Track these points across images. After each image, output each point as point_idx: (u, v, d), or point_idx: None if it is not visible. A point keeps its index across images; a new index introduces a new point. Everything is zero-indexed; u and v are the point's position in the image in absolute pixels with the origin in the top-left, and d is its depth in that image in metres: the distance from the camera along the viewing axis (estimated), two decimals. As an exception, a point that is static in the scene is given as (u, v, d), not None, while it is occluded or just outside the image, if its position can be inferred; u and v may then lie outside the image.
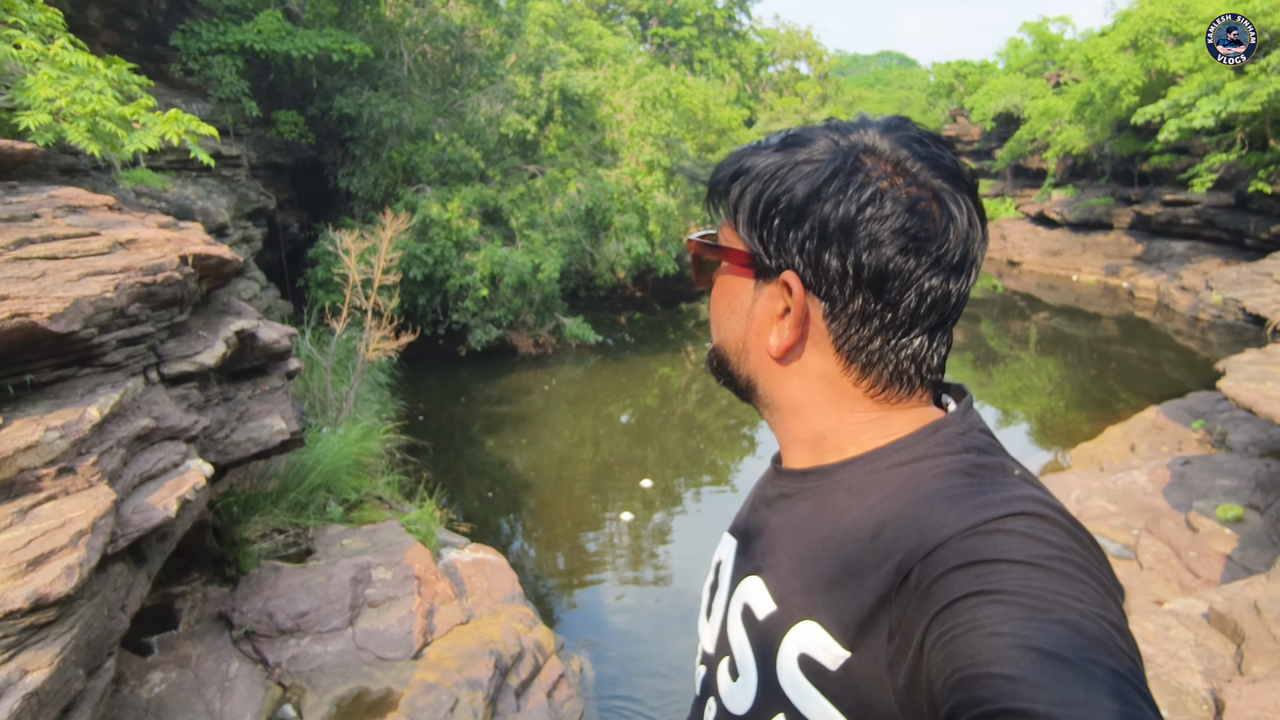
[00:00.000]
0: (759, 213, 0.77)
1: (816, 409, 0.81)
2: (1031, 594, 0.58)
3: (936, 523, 0.66)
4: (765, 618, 0.78)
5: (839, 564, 0.72)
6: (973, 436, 0.76)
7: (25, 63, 5.80)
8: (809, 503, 0.80)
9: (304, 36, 13.09)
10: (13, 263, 3.95)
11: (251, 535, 5.58)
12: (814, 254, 0.74)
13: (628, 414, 14.70)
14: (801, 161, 0.76)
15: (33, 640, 2.67)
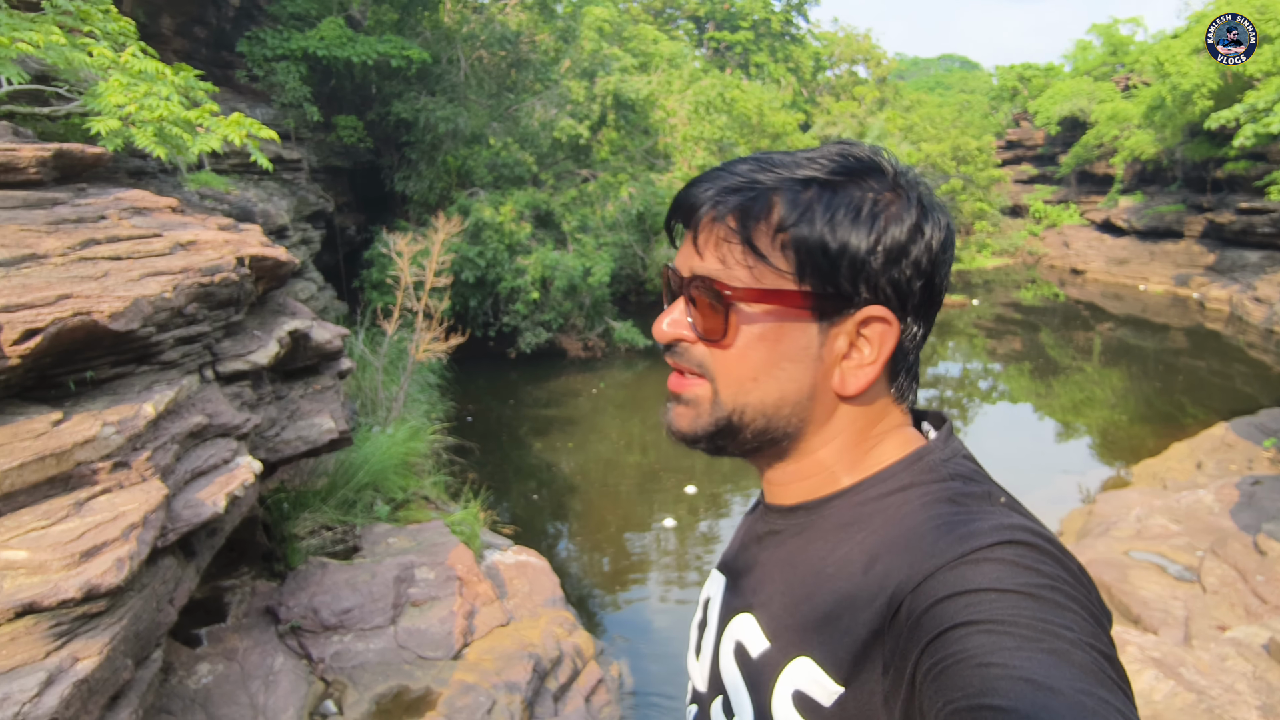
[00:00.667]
0: (849, 253, 0.74)
1: (846, 441, 0.80)
2: (1021, 623, 0.57)
3: (925, 553, 0.65)
4: (759, 655, 0.77)
5: (832, 599, 0.71)
6: (956, 463, 0.76)
7: (98, 70, 6.03)
8: (799, 538, 0.80)
9: (364, 43, 13.39)
10: (78, 262, 4.10)
11: (300, 532, 5.69)
12: (907, 288, 0.75)
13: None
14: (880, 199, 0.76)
15: (84, 629, 2.75)
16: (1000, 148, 37.03)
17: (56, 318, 3.33)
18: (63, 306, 3.44)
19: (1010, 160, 37.56)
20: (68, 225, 4.56)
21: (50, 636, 2.64)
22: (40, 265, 3.92)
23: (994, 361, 19.30)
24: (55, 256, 4.06)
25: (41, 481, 3.04)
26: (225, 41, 13.50)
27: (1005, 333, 21.90)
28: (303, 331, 5.68)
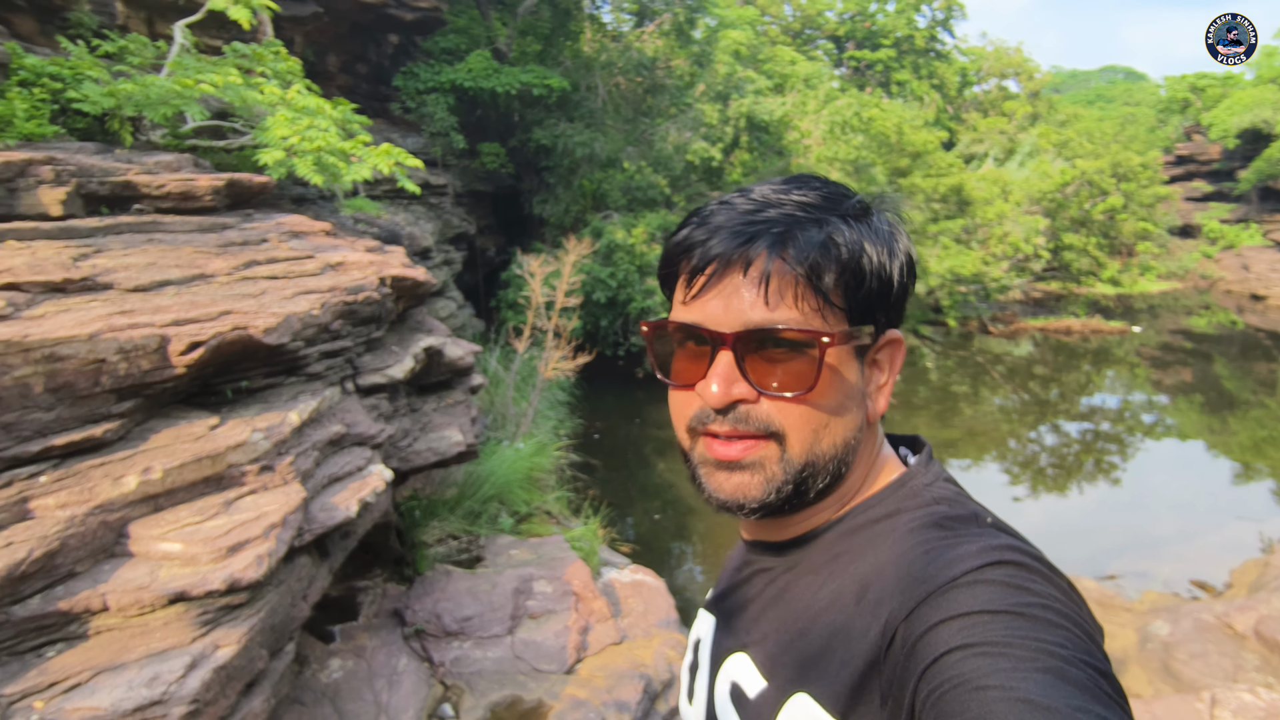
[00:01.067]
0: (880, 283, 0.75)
1: (864, 466, 0.80)
2: (1015, 643, 0.58)
3: (917, 580, 0.65)
4: (756, 695, 0.76)
5: (827, 633, 0.71)
6: (939, 487, 0.76)
7: (268, 106, 6.63)
8: (790, 574, 0.79)
9: (508, 73, 14.03)
10: (240, 281, 4.50)
11: (429, 539, 5.96)
12: (898, 306, 0.78)
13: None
14: (887, 229, 0.77)
15: (225, 619, 2.99)
16: (1169, 163, 34.27)
17: (217, 332, 3.65)
18: (224, 322, 3.77)
19: (1180, 177, 34.68)
20: (234, 248, 5.01)
21: (196, 624, 2.88)
22: (208, 284, 4.32)
23: (1160, 393, 17.77)
24: (221, 276, 4.47)
25: (198, 481, 3.33)
26: (383, 76, 14.50)
27: (1173, 363, 20.12)
28: (437, 348, 5.97)
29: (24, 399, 2.99)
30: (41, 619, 2.70)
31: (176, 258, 4.48)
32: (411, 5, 13.56)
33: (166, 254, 4.51)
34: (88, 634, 2.80)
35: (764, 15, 32.28)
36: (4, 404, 2.92)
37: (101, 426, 3.22)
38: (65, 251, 4.03)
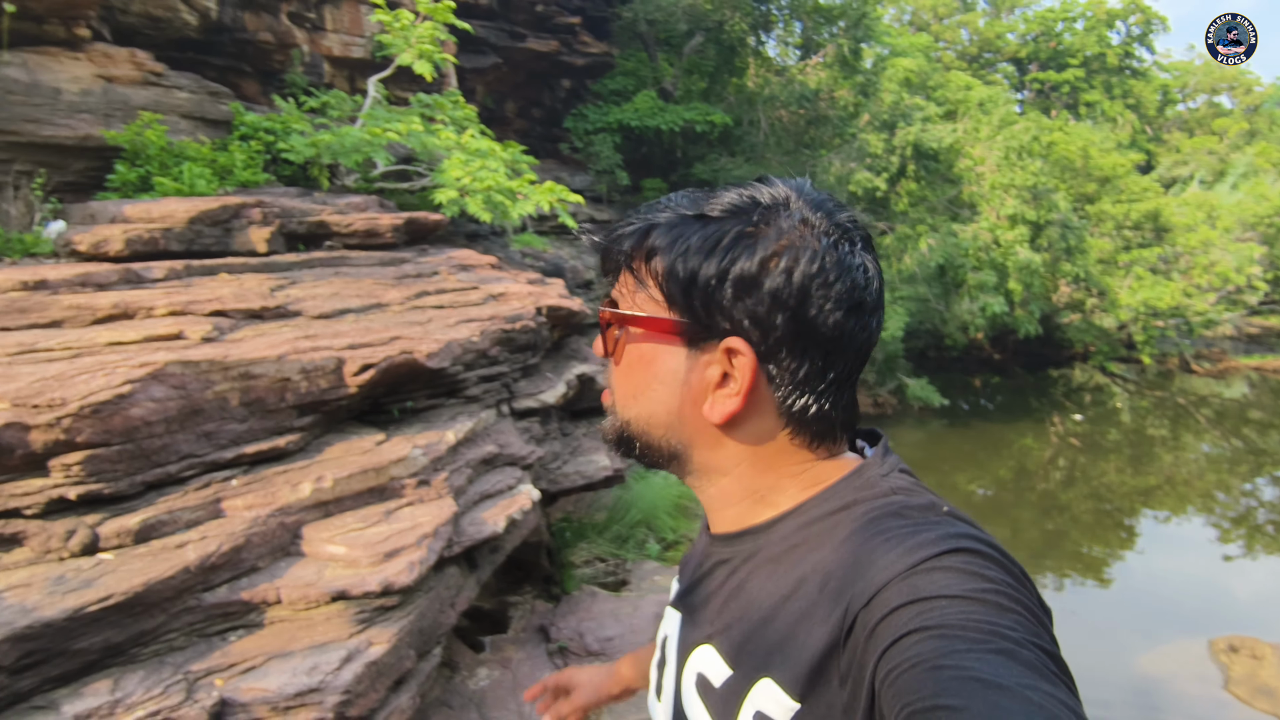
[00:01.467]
0: (698, 282, 0.77)
1: (751, 468, 0.82)
2: (970, 627, 0.61)
3: (878, 567, 0.68)
4: (722, 684, 0.78)
5: (790, 619, 0.73)
6: (894, 478, 0.78)
7: (445, 150, 7.21)
8: (749, 563, 0.81)
9: (672, 111, 14.42)
10: (410, 310, 4.90)
11: (576, 560, 6.14)
12: (766, 320, 0.76)
13: (976, 485, 13.55)
14: (743, 232, 0.77)
15: (379, 619, 3.23)
16: None
17: (386, 355, 4.00)
18: (393, 346, 4.12)
19: None
20: (408, 279, 5.46)
21: (353, 621, 3.14)
22: (382, 312, 4.74)
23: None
24: (395, 305, 4.89)
25: (363, 491, 3.64)
26: (556, 119, 15.32)
27: None
28: (590, 375, 6.19)
29: (222, 411, 3.40)
30: (226, 606, 3.05)
31: (357, 289, 4.95)
32: (583, 51, 14.29)
33: (349, 285, 4.99)
34: (263, 623, 3.12)
35: (938, 41, 31.26)
36: (206, 415, 3.34)
37: (285, 438, 3.60)
38: (266, 283, 4.56)
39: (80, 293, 4.08)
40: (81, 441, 2.93)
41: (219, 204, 5.07)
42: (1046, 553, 10.78)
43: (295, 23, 8.47)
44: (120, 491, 3.05)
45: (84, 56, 5.74)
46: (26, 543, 2.86)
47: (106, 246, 4.65)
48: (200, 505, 3.18)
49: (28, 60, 5.39)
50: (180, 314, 3.95)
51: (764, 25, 16.06)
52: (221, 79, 7.33)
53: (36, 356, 3.29)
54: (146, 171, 5.51)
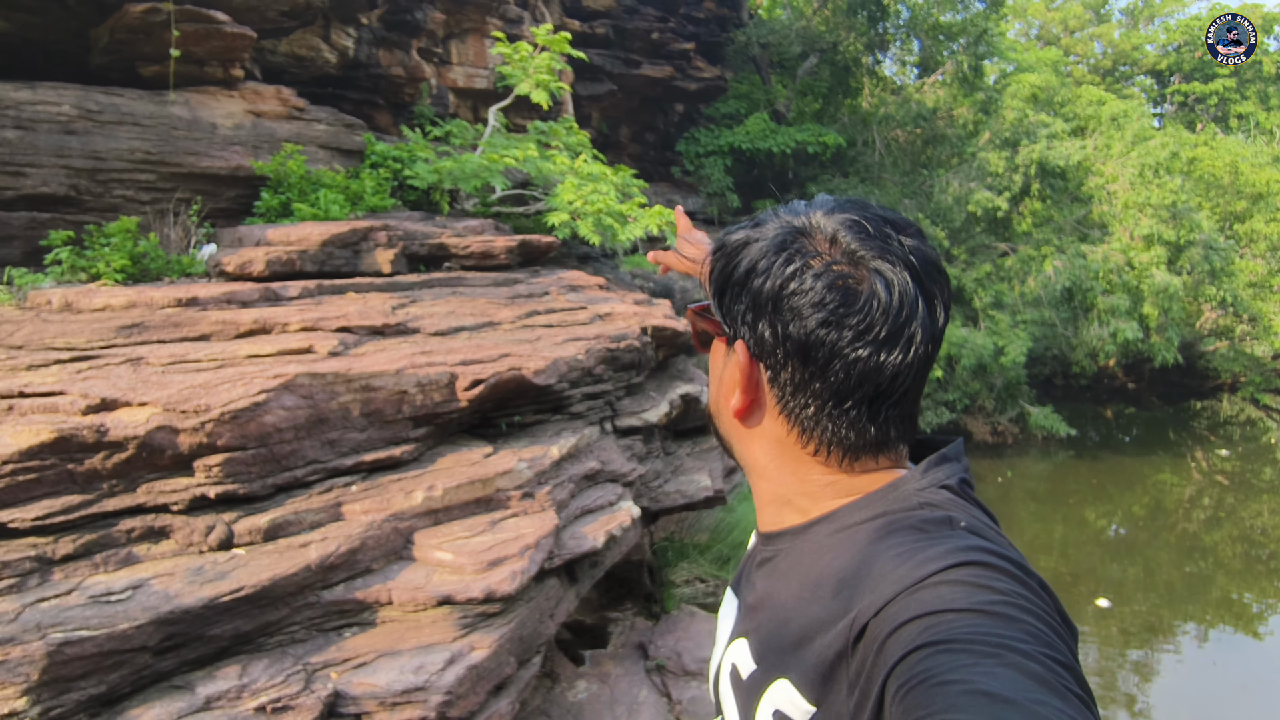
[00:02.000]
0: (718, 287, 0.84)
1: (776, 471, 0.85)
2: (978, 640, 0.60)
3: (887, 579, 0.69)
4: (747, 678, 0.81)
5: (806, 622, 0.75)
6: (931, 493, 0.77)
7: (559, 174, 7.46)
8: (785, 562, 0.84)
9: (784, 133, 14.38)
10: (520, 328, 5.08)
11: (677, 579, 6.15)
12: (752, 325, 0.80)
13: (1106, 521, 12.72)
14: (753, 240, 0.82)
15: (481, 625, 3.36)
16: None
17: (496, 371, 4.17)
18: (502, 363, 4.29)
19: None
20: (520, 299, 5.67)
21: (457, 625, 3.28)
22: (494, 330, 4.94)
23: None
24: (506, 323, 5.08)
25: (470, 501, 3.80)
26: (669, 143, 15.55)
27: None
28: (694, 395, 6.22)
29: (345, 421, 3.64)
30: (342, 604, 3.24)
31: (472, 307, 5.18)
32: (696, 76, 14.48)
33: (464, 304, 5.23)
34: (375, 622, 3.30)
35: (1068, 55, 29.86)
36: (330, 424, 3.57)
37: (400, 448, 3.81)
38: (388, 301, 4.85)
39: (226, 309, 4.45)
40: (221, 445, 3.20)
41: (349, 228, 5.43)
42: (1187, 597, 10.01)
43: (424, 57, 8.99)
44: (253, 492, 3.31)
45: (237, 94, 6.29)
46: (172, 536, 3.14)
47: (250, 267, 5.06)
48: (323, 508, 3.40)
49: (190, 99, 5.95)
50: (311, 330, 4.25)
51: (880, 45, 15.83)
52: (356, 111, 7.85)
53: (186, 366, 3.62)
54: (287, 198, 5.97)
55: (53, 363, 3.54)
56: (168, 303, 4.46)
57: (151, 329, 4.07)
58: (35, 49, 5.96)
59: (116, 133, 5.41)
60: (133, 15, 5.52)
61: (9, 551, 2.77)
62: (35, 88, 5.25)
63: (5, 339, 3.81)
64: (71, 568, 2.87)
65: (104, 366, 3.55)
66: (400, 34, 8.61)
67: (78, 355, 3.66)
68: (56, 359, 3.58)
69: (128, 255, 4.97)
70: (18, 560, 2.75)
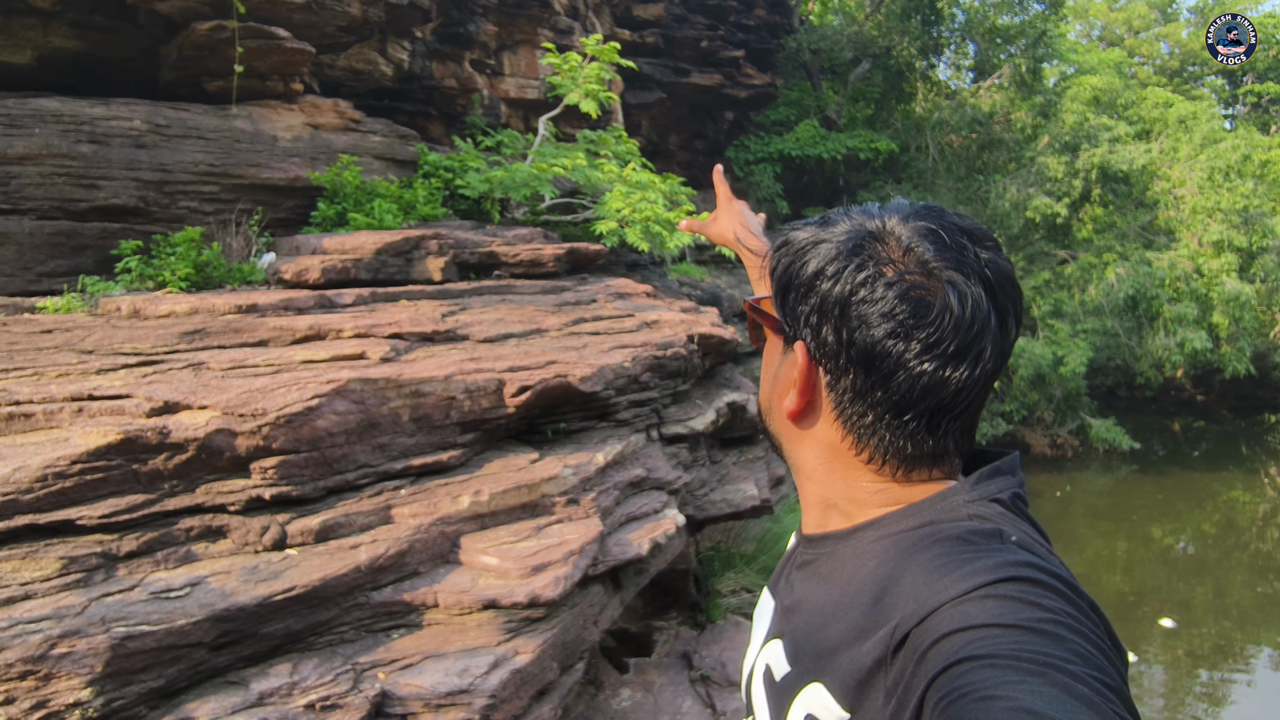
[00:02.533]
0: (781, 284, 0.83)
1: (825, 475, 0.83)
2: (1023, 657, 0.58)
3: (930, 590, 0.67)
4: (781, 679, 0.81)
5: (844, 628, 0.74)
6: (981, 505, 0.75)
7: (607, 182, 7.50)
8: (826, 566, 0.83)
9: (835, 139, 14.25)
10: (568, 335, 5.13)
11: (723, 589, 6.12)
12: (816, 328, 0.79)
13: (1173, 539, 12.27)
14: (822, 240, 0.80)
15: (525, 629, 3.39)
16: None
17: (543, 378, 4.21)
18: (549, 370, 4.33)
19: None
20: (568, 306, 5.72)
21: (502, 629, 3.31)
22: (542, 337, 4.99)
23: None
24: (553, 331, 5.13)
25: (516, 506, 3.84)
26: (718, 150, 15.52)
27: None
28: (741, 404, 6.20)
29: (395, 425, 3.71)
30: (390, 606, 3.30)
31: (520, 315, 5.24)
32: (746, 84, 14.43)
33: (513, 311, 5.30)
34: (421, 624, 3.36)
35: (1133, 56, 28.99)
36: (381, 428, 3.65)
37: (448, 453, 3.87)
38: (438, 309, 4.94)
39: (283, 316, 4.59)
40: (276, 448, 3.29)
41: (401, 236, 5.55)
42: (1262, 620, 9.59)
43: (477, 69, 9.15)
44: (305, 494, 3.39)
45: (296, 108, 6.48)
46: (229, 535, 3.24)
47: (306, 275, 5.21)
48: (372, 511, 3.47)
49: (252, 113, 6.16)
50: (364, 336, 4.35)
51: (934, 49, 15.58)
52: (410, 123, 8.02)
53: (244, 371, 3.74)
54: (343, 208, 6.13)
55: (120, 367, 3.68)
56: (228, 309, 4.61)
57: (213, 335, 4.21)
58: (108, 67, 6.23)
59: (183, 146, 5.62)
60: (199, 33, 5.74)
61: (77, 548, 2.89)
62: (109, 104, 5.49)
63: (77, 343, 3.99)
64: (134, 564, 2.98)
65: (168, 371, 3.69)
66: (454, 46, 8.78)
67: (144, 360, 3.80)
68: (124, 363, 3.72)
69: (192, 264, 5.15)
70: (85, 556, 2.87)
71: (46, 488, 2.88)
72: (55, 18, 5.76)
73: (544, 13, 9.61)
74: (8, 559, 2.77)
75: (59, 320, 4.45)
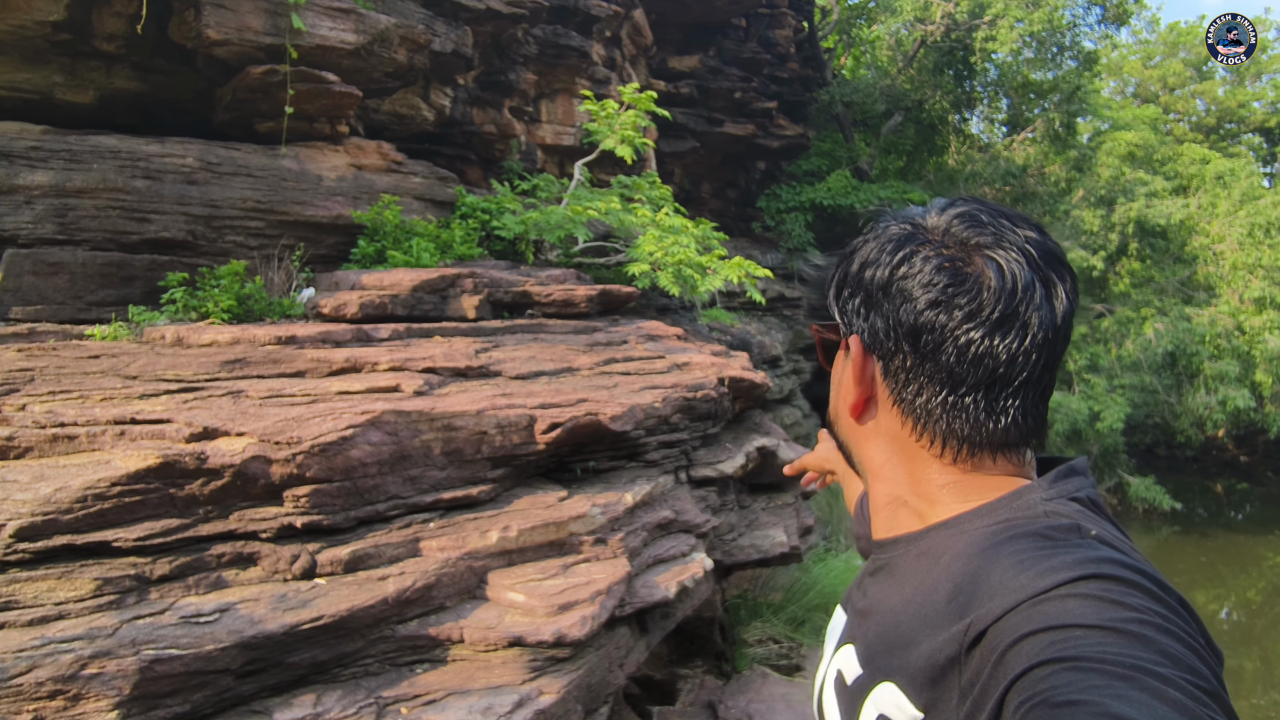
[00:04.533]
0: (836, 287, 0.86)
1: (892, 471, 0.83)
2: (1108, 660, 0.56)
3: (1007, 587, 0.65)
4: (852, 683, 0.80)
5: (916, 626, 0.73)
6: (1058, 504, 0.74)
7: (640, 226, 7.59)
8: (897, 570, 0.82)
9: (867, 190, 14.33)
10: (598, 375, 5.14)
11: (750, 639, 6.00)
12: (865, 316, 0.82)
13: (1217, 605, 11.85)
14: (869, 239, 0.85)
15: (550, 669, 3.34)
16: None
17: (573, 416, 4.22)
18: (579, 408, 4.34)
19: None
20: (599, 346, 5.75)
21: (526, 668, 3.27)
22: (573, 376, 5.01)
23: None
24: (585, 370, 5.15)
25: (543, 543, 3.82)
26: (750, 199, 15.68)
27: None
28: (771, 449, 6.14)
29: (426, 458, 3.73)
30: (416, 640, 3.28)
31: (552, 353, 5.28)
32: (778, 134, 14.62)
33: (545, 350, 5.34)
34: (446, 660, 3.32)
35: (1168, 113, 28.96)
36: (413, 461, 3.67)
37: (477, 488, 3.87)
38: (472, 345, 4.99)
39: (320, 348, 4.66)
40: (310, 476, 3.32)
41: (438, 274, 5.64)
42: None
43: (515, 116, 9.37)
44: (336, 524, 3.41)
45: (342, 149, 6.67)
46: (260, 563, 3.26)
47: (345, 310, 5.30)
48: (401, 543, 3.47)
49: (299, 153, 6.35)
50: (399, 370, 4.40)
51: (967, 103, 15.70)
52: (450, 166, 8.21)
53: (281, 400, 3.79)
54: (382, 246, 6.25)
55: (162, 393, 3.76)
56: (268, 340, 4.69)
57: (252, 364, 4.29)
58: (166, 107, 6.48)
59: (232, 183, 5.80)
60: (254, 76, 5.96)
61: (112, 569, 2.92)
62: (164, 142, 5.70)
63: (122, 369, 4.08)
64: (166, 588, 3.00)
65: (208, 398, 3.75)
66: (494, 94, 9.01)
67: (185, 386, 3.88)
68: (166, 389, 3.80)
69: (234, 296, 5.27)
70: (119, 577, 2.90)
71: (86, 509, 2.92)
72: (119, 60, 6.02)
73: (582, 63, 9.86)
74: (44, 578, 2.80)
75: (105, 347, 4.57)
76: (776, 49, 14.58)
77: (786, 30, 14.72)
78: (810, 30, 15.61)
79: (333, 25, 6.33)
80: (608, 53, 10.68)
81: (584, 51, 9.76)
